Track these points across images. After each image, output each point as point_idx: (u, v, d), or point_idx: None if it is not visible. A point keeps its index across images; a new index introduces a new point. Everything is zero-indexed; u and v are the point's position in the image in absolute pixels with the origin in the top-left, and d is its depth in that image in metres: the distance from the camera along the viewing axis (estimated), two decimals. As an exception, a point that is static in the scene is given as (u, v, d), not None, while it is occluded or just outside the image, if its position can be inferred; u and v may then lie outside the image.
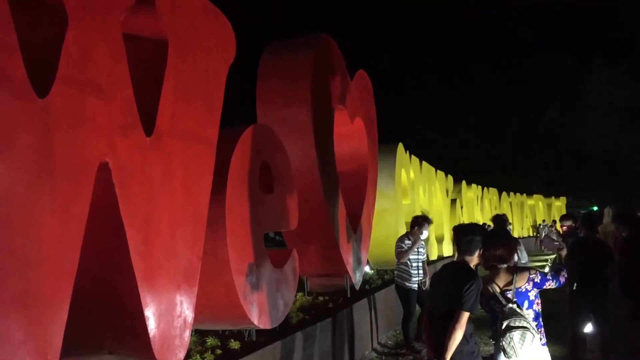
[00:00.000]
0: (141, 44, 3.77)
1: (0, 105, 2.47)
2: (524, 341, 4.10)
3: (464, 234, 4.40)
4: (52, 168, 2.75)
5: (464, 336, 4.09)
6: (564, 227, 9.27)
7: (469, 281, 4.12)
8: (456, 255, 4.55)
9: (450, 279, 4.28)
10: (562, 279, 4.53)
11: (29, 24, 2.86)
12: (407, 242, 8.39)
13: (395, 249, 8.40)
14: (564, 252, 5.31)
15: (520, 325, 4.14)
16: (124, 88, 3.31)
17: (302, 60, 7.35)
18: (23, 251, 2.57)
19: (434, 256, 14.90)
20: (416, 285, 8.32)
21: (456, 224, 19.61)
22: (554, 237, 20.14)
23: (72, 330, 2.86)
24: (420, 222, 8.55)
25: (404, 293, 8.32)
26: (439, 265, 13.85)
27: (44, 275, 2.68)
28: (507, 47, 48.23)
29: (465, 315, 4.07)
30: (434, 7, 45.99)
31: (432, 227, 13.90)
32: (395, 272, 8.46)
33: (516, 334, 4.12)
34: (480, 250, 4.35)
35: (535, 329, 4.16)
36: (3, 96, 2.48)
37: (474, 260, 4.35)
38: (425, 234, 8.62)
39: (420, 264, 8.39)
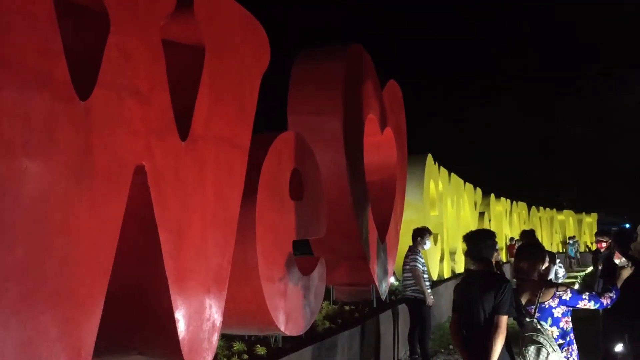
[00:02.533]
0: (178, 50, 3.84)
1: (44, 107, 2.53)
2: (538, 357, 4.07)
3: (481, 240, 4.43)
4: (90, 169, 2.81)
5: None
6: (602, 244, 9.06)
7: (502, 285, 4.18)
8: (474, 263, 4.55)
9: (481, 287, 4.27)
10: (605, 301, 4.35)
11: (73, 29, 2.93)
12: (420, 259, 8.27)
13: (410, 270, 8.19)
14: (625, 273, 5.02)
15: (538, 340, 4.11)
16: (161, 93, 3.37)
17: (333, 69, 7.38)
18: (61, 250, 2.63)
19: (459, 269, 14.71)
20: (432, 298, 8.26)
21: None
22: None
23: (104, 329, 2.91)
24: (422, 233, 8.50)
25: (422, 306, 8.20)
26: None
27: (80, 274, 2.73)
28: (541, 60, 47.75)
29: (505, 319, 4.12)
30: (465, 21, 45.85)
31: (460, 240, 13.77)
32: (410, 287, 8.28)
33: (532, 349, 4.13)
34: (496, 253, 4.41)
35: (554, 346, 4.09)
36: (47, 98, 2.55)
37: (491, 264, 4.44)
38: (428, 245, 8.58)
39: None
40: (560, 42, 47.98)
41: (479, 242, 4.43)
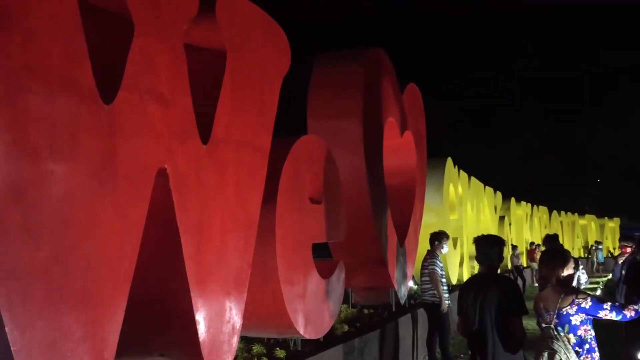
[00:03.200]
0: (200, 54, 3.87)
1: (68, 110, 2.57)
2: None
3: (489, 245, 4.57)
4: (114, 172, 2.84)
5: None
6: (627, 249, 8.92)
7: (506, 288, 4.39)
8: (481, 268, 4.66)
9: (485, 290, 4.41)
10: (630, 313, 4.23)
11: (98, 33, 2.97)
12: (439, 263, 8.21)
13: (429, 274, 8.14)
14: None
15: (552, 347, 4.10)
16: (183, 97, 3.40)
17: (353, 73, 7.39)
18: (85, 252, 2.66)
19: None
20: (448, 302, 8.19)
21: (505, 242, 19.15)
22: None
23: (127, 330, 2.94)
24: (440, 237, 8.44)
25: (442, 311, 8.14)
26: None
27: (103, 276, 2.76)
28: (562, 63, 47.30)
29: (516, 320, 4.29)
30: (490, 25, 45.61)
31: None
32: (429, 292, 8.21)
33: (546, 355, 4.17)
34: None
35: (569, 354, 4.05)
36: (72, 102, 2.58)
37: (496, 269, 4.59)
38: (445, 249, 8.53)
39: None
40: (585, 46, 47.50)
41: (486, 247, 4.56)
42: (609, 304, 4.27)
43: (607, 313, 4.20)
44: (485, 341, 4.36)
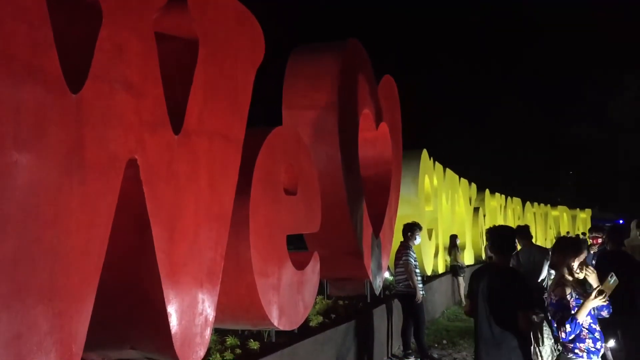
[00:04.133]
0: (172, 43, 3.81)
1: (34, 99, 2.51)
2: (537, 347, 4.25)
3: (501, 235, 4.65)
4: (82, 162, 2.78)
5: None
6: (597, 240, 9.08)
7: (515, 281, 4.44)
8: (493, 256, 4.73)
9: (496, 280, 4.49)
10: (561, 335, 4.30)
11: (65, 21, 2.90)
12: (412, 254, 8.31)
13: (403, 264, 8.23)
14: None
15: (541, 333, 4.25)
16: (154, 86, 3.35)
17: (329, 64, 7.36)
18: (51, 243, 2.61)
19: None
20: (422, 293, 8.30)
21: (478, 232, 19.42)
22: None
23: (96, 323, 2.89)
24: (412, 229, 8.54)
25: (416, 301, 8.22)
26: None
27: (71, 268, 2.71)
28: (537, 58, 47.86)
29: (523, 314, 4.27)
30: (471, 16, 45.89)
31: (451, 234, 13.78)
32: (403, 282, 8.30)
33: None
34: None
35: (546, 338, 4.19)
36: (38, 91, 2.52)
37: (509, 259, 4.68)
38: (418, 240, 8.63)
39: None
40: (564, 38, 48.10)
41: (499, 236, 4.64)
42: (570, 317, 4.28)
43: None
44: (485, 330, 4.47)
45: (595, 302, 4.17)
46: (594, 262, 7.80)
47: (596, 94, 45.08)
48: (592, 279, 4.40)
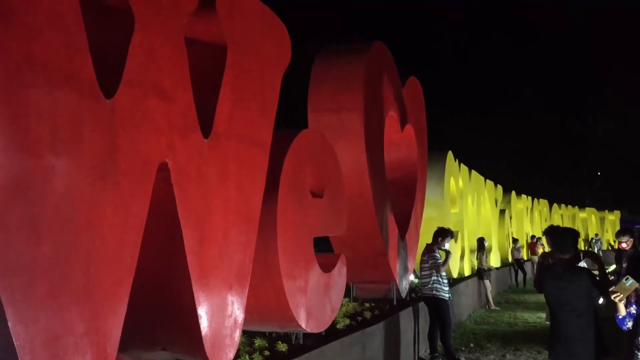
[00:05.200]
0: (201, 48, 3.85)
1: (69, 105, 2.56)
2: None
3: (563, 235, 4.76)
4: (115, 167, 2.83)
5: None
6: (623, 244, 8.92)
7: (583, 276, 4.52)
8: (557, 255, 4.80)
9: (563, 279, 4.59)
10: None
11: (98, 28, 2.96)
12: (436, 254, 8.26)
13: (428, 262, 8.20)
14: None
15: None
16: (184, 91, 3.39)
17: (354, 67, 7.37)
18: (86, 246, 2.66)
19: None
20: (449, 295, 8.25)
21: (504, 234, 19.23)
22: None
23: (129, 325, 2.94)
24: (445, 234, 8.47)
25: (442, 304, 8.18)
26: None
27: (105, 270, 2.76)
28: (563, 55, 47.21)
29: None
30: (490, 17, 45.53)
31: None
32: (430, 285, 8.25)
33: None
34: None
35: None
36: (73, 96, 2.58)
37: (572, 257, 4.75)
38: (447, 246, 8.54)
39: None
40: (587, 36, 47.40)
41: (561, 236, 4.76)
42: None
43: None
44: (561, 328, 4.57)
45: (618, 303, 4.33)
46: (624, 265, 7.67)
47: (622, 92, 44.26)
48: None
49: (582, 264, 7.66)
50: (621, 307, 4.33)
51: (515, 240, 19.66)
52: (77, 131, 2.59)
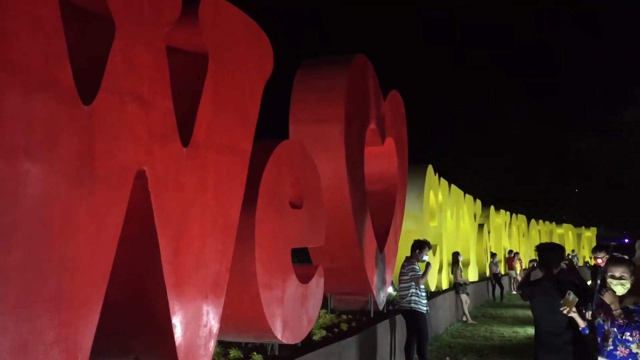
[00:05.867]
0: (182, 57, 3.86)
1: (46, 110, 2.54)
2: None
3: (549, 251, 5.04)
4: (91, 173, 2.81)
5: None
6: (598, 259, 9.05)
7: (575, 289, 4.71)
8: (545, 270, 5.07)
9: (547, 294, 4.84)
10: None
11: (78, 33, 2.95)
12: (416, 266, 8.30)
13: (407, 274, 8.23)
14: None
15: None
16: (164, 99, 3.39)
17: (336, 79, 7.41)
18: (59, 253, 2.63)
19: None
20: (426, 309, 8.29)
21: (482, 249, 19.42)
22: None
23: (101, 333, 2.91)
24: (422, 246, 8.52)
25: (420, 317, 8.20)
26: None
27: (78, 278, 2.73)
28: (544, 74, 47.95)
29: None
30: (470, 32, 46.13)
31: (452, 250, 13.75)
32: (407, 298, 8.26)
33: None
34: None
35: None
36: (50, 102, 2.56)
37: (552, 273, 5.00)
38: (425, 258, 8.59)
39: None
40: (570, 54, 48.18)
41: (547, 253, 5.05)
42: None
43: None
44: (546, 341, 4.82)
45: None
46: (599, 281, 7.77)
47: (601, 110, 45.02)
48: None
49: None
50: (578, 319, 4.55)
51: (493, 255, 19.82)
52: (53, 136, 2.57)
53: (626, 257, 5.05)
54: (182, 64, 3.85)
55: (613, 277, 4.37)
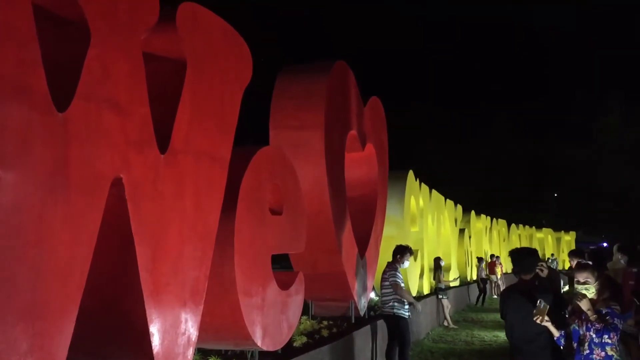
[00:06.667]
0: (160, 63, 3.84)
1: (20, 117, 2.52)
2: None
3: (522, 257, 4.96)
4: (66, 181, 2.79)
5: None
6: (574, 263, 9.17)
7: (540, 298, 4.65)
8: (520, 276, 4.99)
9: (521, 300, 4.77)
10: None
11: (53, 40, 2.93)
12: (399, 275, 8.30)
13: (389, 279, 8.23)
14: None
15: None
16: (141, 105, 3.37)
17: (316, 85, 7.43)
18: (33, 262, 2.60)
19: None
20: (409, 314, 8.30)
21: (463, 253, 19.55)
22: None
23: (77, 342, 2.87)
24: (404, 251, 8.52)
25: (402, 323, 8.20)
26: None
27: (53, 287, 2.70)
28: (524, 82, 48.57)
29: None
30: (455, 38, 46.58)
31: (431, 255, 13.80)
32: (390, 303, 8.26)
33: None
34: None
35: None
36: (24, 109, 2.53)
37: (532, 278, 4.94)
38: (406, 264, 8.60)
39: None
40: (549, 62, 48.92)
41: (520, 258, 4.97)
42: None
43: None
44: (521, 348, 4.77)
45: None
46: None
47: (580, 116, 45.76)
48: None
49: None
50: (552, 329, 4.54)
51: (480, 260, 20.03)
52: (26, 144, 2.55)
53: (590, 262, 5.19)
54: (160, 71, 3.84)
55: (578, 282, 4.60)
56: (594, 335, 4.35)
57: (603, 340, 4.31)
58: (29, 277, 2.57)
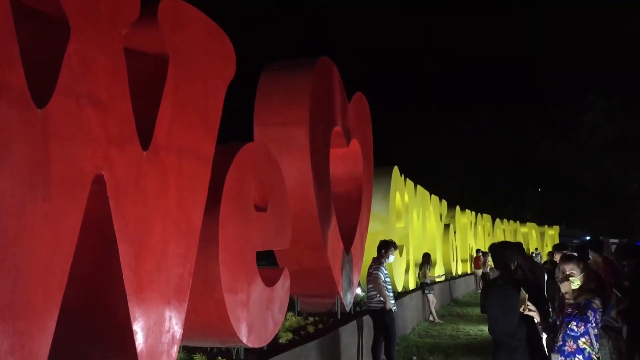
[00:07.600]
0: (142, 59, 3.80)
1: (-2, 114, 2.48)
2: None
3: (501, 250, 4.94)
4: (47, 178, 2.75)
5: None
6: (557, 257, 9.27)
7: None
8: (498, 272, 4.99)
9: (501, 294, 4.74)
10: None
11: (31, 35, 2.88)
12: (384, 270, 8.32)
13: (374, 278, 8.24)
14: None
15: None
16: (122, 102, 3.33)
17: (301, 81, 7.41)
18: (13, 260, 2.56)
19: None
20: (395, 307, 8.33)
21: (448, 248, 19.66)
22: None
23: (59, 341, 2.84)
24: (388, 246, 8.56)
25: (388, 316, 8.22)
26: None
27: (33, 285, 2.66)
28: (507, 77, 48.92)
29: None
30: (436, 34, 46.77)
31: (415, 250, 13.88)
32: (376, 299, 8.25)
33: None
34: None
35: None
36: (2, 105, 2.49)
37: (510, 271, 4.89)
38: (391, 258, 8.65)
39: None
40: (531, 57, 49.28)
41: (498, 252, 4.94)
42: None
43: None
44: (503, 342, 4.72)
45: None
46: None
47: (563, 112, 46.22)
48: None
49: None
50: (535, 315, 4.58)
51: (484, 254, 20.37)
52: (5, 141, 2.51)
53: (575, 254, 5.22)
54: (142, 67, 3.80)
55: (563, 273, 4.62)
56: (568, 328, 4.39)
57: (570, 326, 4.35)
58: (9, 275, 2.54)
